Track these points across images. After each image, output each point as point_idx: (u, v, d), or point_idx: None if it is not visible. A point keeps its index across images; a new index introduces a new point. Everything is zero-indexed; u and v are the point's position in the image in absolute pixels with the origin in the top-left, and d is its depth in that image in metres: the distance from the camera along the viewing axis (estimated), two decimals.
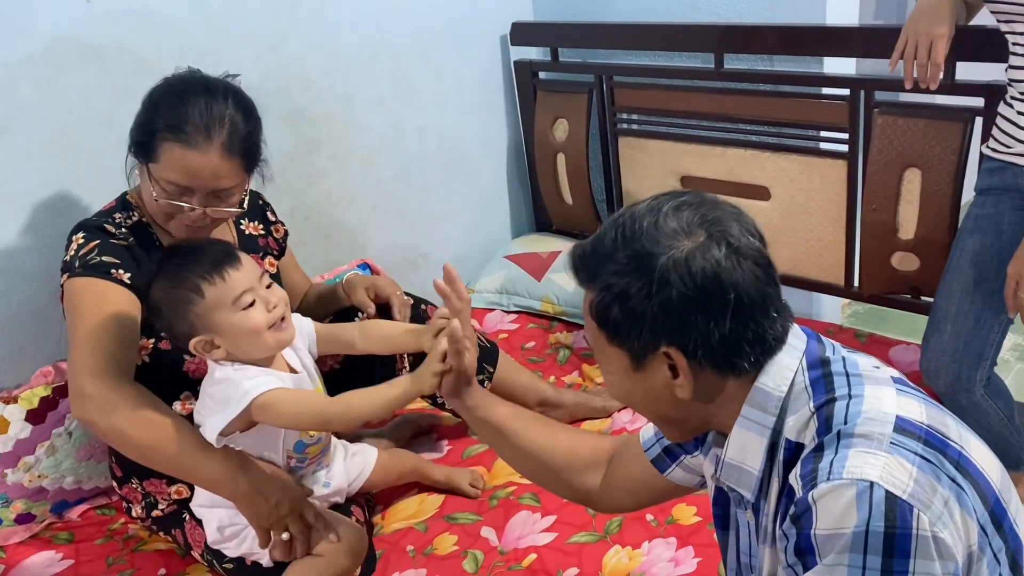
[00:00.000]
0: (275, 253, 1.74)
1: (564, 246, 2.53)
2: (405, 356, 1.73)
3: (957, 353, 1.63)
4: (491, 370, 1.83)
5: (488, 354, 1.84)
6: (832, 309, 2.54)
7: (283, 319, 1.38)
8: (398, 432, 1.91)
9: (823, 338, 0.95)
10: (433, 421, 1.97)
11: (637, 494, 1.20)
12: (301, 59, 2.06)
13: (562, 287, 2.40)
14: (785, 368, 0.90)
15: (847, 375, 0.89)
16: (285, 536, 1.40)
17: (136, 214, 1.51)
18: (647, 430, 1.17)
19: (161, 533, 1.61)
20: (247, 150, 1.42)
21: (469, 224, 2.60)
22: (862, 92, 1.94)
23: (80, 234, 1.47)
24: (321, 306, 1.78)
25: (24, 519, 1.71)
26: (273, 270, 1.71)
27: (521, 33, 2.51)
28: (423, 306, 1.79)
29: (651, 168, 2.38)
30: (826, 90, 2.04)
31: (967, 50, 1.70)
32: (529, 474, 1.27)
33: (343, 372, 1.73)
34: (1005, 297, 1.50)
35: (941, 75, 1.60)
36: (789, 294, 2.66)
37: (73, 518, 1.75)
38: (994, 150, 1.60)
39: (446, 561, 1.55)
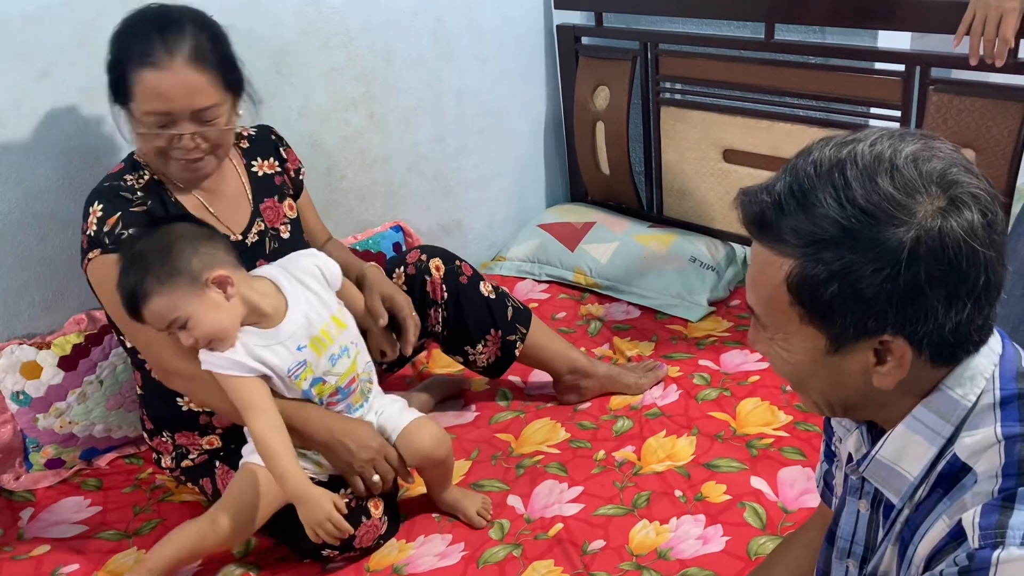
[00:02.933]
0: (292, 193, 1.69)
1: (599, 217, 2.49)
2: (438, 312, 1.74)
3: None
4: (524, 331, 1.79)
5: (521, 315, 1.81)
6: None
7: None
8: (427, 393, 1.89)
9: (1012, 342, 0.83)
10: (463, 386, 1.96)
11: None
12: (341, 13, 2.03)
13: (595, 258, 2.36)
14: (979, 375, 0.78)
15: None
16: (376, 479, 1.45)
17: (147, 172, 1.49)
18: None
19: (189, 483, 1.61)
20: (218, 63, 1.40)
21: (503, 191, 2.56)
22: (918, 68, 1.88)
23: (98, 204, 1.44)
24: None
25: (54, 464, 1.72)
26: (293, 214, 1.67)
27: None
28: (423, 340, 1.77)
29: (693, 140, 2.33)
30: (879, 65, 1.98)
31: None
32: None
33: None
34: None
35: (1008, 51, 1.54)
36: None
37: (102, 466, 1.76)
38: None
39: (472, 528, 1.54)
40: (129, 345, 1.54)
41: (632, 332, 2.15)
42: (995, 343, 0.80)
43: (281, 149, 1.70)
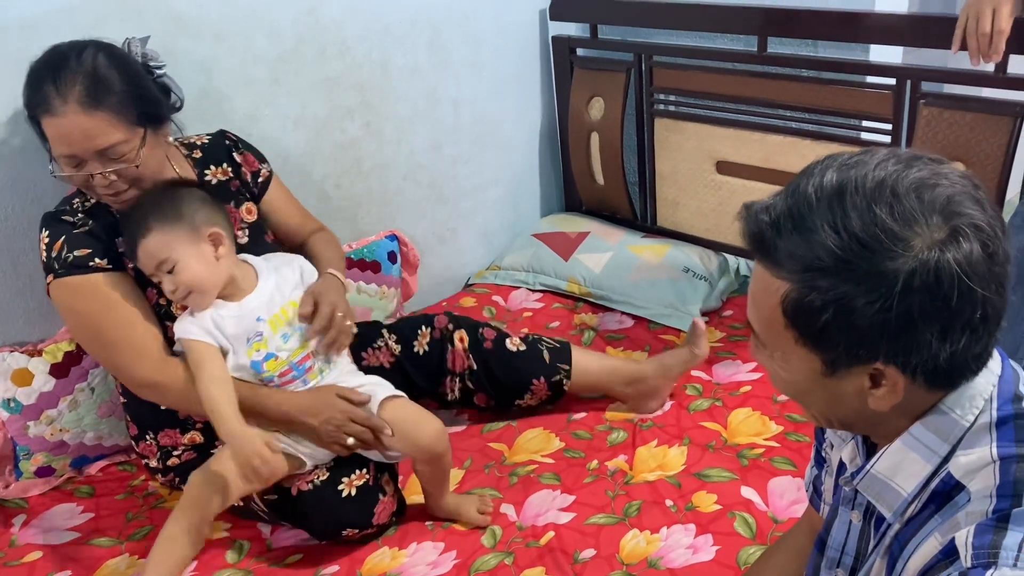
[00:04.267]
0: (249, 196, 1.68)
1: (593, 227, 2.50)
2: (454, 381, 1.80)
3: None
4: (566, 367, 1.82)
5: (559, 353, 1.83)
6: None
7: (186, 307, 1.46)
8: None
9: (1012, 362, 0.83)
10: None
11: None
12: (338, 23, 2.04)
13: (590, 268, 2.37)
14: (978, 396, 0.78)
15: None
16: (351, 442, 1.47)
17: (93, 197, 1.51)
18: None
19: (182, 485, 1.61)
20: (118, 101, 1.38)
21: (498, 200, 2.57)
22: (908, 82, 1.90)
23: (45, 231, 1.48)
24: None
25: (44, 472, 1.72)
26: (252, 218, 1.67)
27: (561, 8, 2.47)
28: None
29: (687, 151, 2.35)
30: (871, 78, 1.99)
31: (1021, 43, 1.65)
32: None
33: (393, 372, 1.75)
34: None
35: (1004, 42, 1.55)
36: None
37: (93, 473, 1.76)
38: None
39: (466, 536, 1.54)
40: None
41: (625, 342, 2.16)
42: (995, 364, 0.80)
43: (235, 154, 1.68)
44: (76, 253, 1.45)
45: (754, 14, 2.11)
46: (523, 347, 1.82)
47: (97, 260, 1.47)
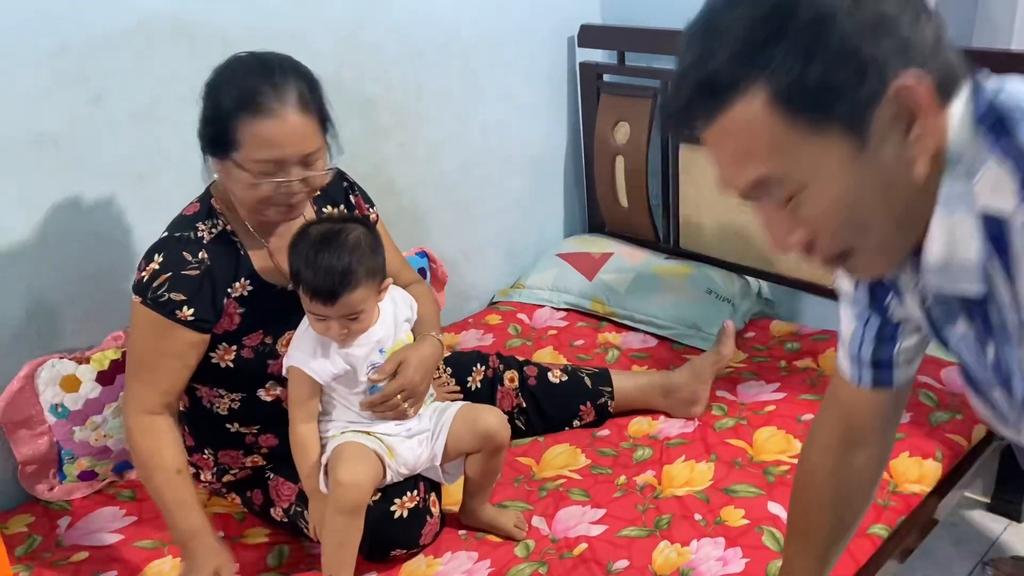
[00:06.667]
0: None
1: (616, 248, 2.56)
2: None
3: None
4: (608, 389, 1.93)
5: (600, 378, 1.95)
6: None
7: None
8: None
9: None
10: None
11: (890, 421, 1.11)
12: (377, 48, 2.11)
13: (613, 288, 2.43)
14: (961, 127, 0.76)
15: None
16: None
17: (221, 222, 1.50)
18: (841, 366, 1.09)
19: (233, 494, 1.67)
20: (319, 109, 1.42)
21: (523, 220, 2.64)
22: None
23: (159, 256, 1.45)
24: None
25: (87, 476, 1.77)
26: None
27: (589, 35, 2.54)
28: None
29: (711, 175, 2.38)
30: None
31: None
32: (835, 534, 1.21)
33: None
34: None
35: None
36: (830, 305, 2.60)
37: (133, 478, 1.81)
38: None
39: (498, 547, 1.58)
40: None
41: (649, 361, 2.21)
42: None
43: (351, 196, 1.70)
44: (171, 296, 1.44)
45: None
46: (565, 377, 1.93)
47: (184, 311, 1.45)
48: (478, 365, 1.89)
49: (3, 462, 1.73)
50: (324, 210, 1.65)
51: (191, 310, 1.45)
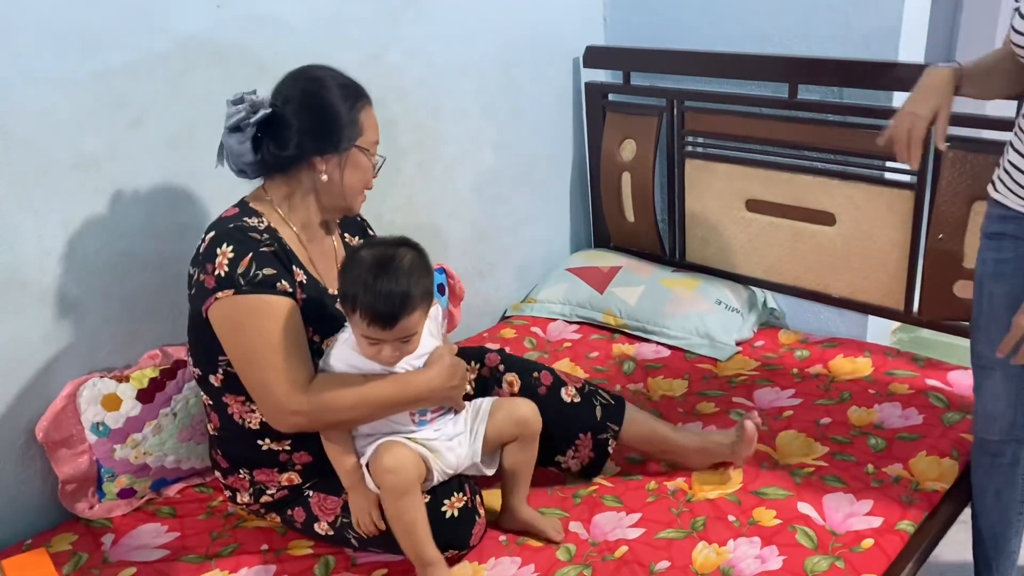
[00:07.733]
0: None
1: (624, 262, 2.63)
2: None
3: (1010, 396, 1.61)
4: (615, 427, 1.77)
5: (613, 411, 1.78)
6: (882, 333, 2.63)
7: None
8: None
9: None
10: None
11: None
12: (399, 69, 2.17)
13: (624, 300, 2.49)
14: None
15: None
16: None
17: (264, 220, 1.55)
18: None
19: (273, 514, 1.67)
20: None
21: (533, 236, 2.70)
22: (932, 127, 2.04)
23: (227, 246, 1.46)
24: None
25: (126, 494, 1.79)
26: None
27: (594, 56, 2.62)
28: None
29: (716, 190, 2.48)
30: None
31: None
32: None
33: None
34: (1003, 343, 1.47)
35: (919, 155, 1.59)
36: (844, 316, 2.70)
37: (171, 495, 1.83)
38: (1007, 198, 1.53)
39: (540, 551, 1.62)
40: (217, 385, 1.57)
41: (664, 371, 2.27)
42: None
43: (368, 230, 1.84)
44: (265, 272, 1.46)
45: (784, 63, 2.26)
46: (578, 399, 1.77)
47: (283, 283, 1.48)
48: (472, 363, 1.78)
49: (42, 481, 1.75)
50: (345, 235, 1.75)
51: (285, 282, 1.50)
